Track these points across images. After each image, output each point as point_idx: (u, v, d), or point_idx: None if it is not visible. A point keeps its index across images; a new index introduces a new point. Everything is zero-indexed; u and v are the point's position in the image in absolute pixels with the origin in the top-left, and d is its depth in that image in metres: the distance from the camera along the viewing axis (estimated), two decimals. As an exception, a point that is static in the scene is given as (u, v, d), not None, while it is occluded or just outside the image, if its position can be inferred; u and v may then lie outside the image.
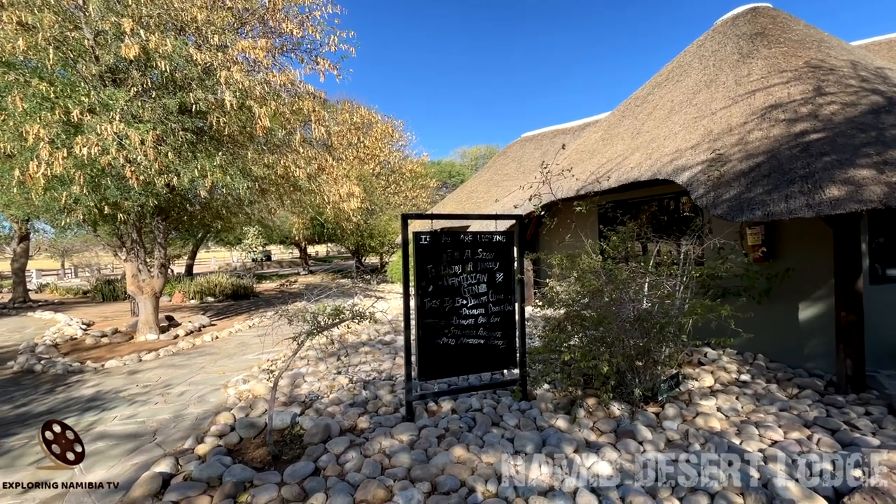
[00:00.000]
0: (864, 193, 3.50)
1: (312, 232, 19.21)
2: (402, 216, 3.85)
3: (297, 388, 4.78)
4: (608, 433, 3.46)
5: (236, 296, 14.20)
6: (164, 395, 4.87)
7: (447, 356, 3.95)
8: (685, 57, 7.43)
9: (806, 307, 4.87)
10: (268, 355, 6.25)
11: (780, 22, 6.40)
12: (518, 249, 4.26)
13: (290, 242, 24.57)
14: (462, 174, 36.26)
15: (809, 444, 3.23)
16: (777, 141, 4.48)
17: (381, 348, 6.32)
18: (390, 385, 4.69)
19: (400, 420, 3.81)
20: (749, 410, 3.84)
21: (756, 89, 5.37)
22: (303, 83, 8.14)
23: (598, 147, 7.51)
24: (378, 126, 15.61)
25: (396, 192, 19.85)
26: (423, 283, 3.86)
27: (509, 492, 2.72)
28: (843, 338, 4.11)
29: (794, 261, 4.93)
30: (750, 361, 5.05)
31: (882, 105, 4.39)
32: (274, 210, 11.80)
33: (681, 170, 5.08)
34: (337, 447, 3.33)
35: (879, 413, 3.67)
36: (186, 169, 6.29)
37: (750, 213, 4.01)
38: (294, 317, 3.61)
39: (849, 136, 4.07)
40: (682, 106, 6.34)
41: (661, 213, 6.93)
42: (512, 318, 4.19)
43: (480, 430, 3.55)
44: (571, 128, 13.33)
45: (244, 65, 6.99)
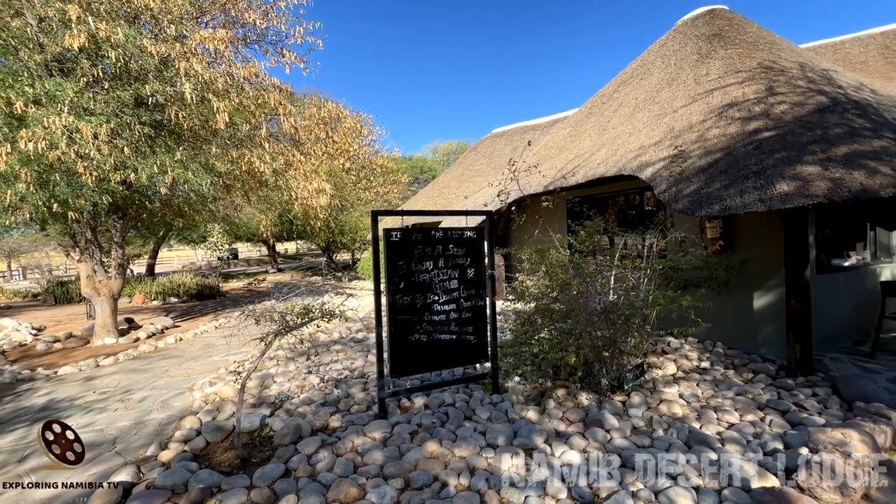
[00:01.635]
0: (810, 189, 3.72)
1: (281, 229, 18.76)
2: (371, 213, 3.81)
3: (266, 389, 4.68)
4: (577, 423, 3.56)
5: (201, 296, 13.72)
6: (123, 402, 4.67)
7: (420, 352, 3.96)
8: (648, 56, 7.65)
9: (760, 296, 5.14)
10: (235, 356, 6.08)
11: (735, 24, 6.68)
12: (488, 245, 4.30)
13: (258, 240, 23.90)
14: (434, 169, 36.19)
15: (762, 425, 3.42)
16: (733, 138, 4.69)
17: (353, 346, 6.26)
18: (363, 383, 4.66)
19: (373, 418, 3.79)
20: (708, 396, 4.03)
21: (714, 88, 5.59)
22: (268, 76, 7.90)
23: (567, 143, 7.65)
24: (347, 121, 15.35)
25: (367, 187, 19.60)
26: (395, 279, 3.84)
27: (481, 484, 2.76)
28: (793, 324, 4.37)
29: (749, 253, 5.19)
30: (710, 349, 5.29)
31: (827, 105, 4.66)
32: (239, 207, 11.48)
33: (644, 166, 5.24)
34: (308, 447, 3.28)
35: (825, 394, 3.93)
36: (145, 164, 6.01)
37: (708, 208, 4.19)
38: (261, 317, 3.53)
39: (797, 135, 4.30)
40: (645, 104, 6.53)
41: (627, 207, 7.15)
42: (483, 313, 4.23)
43: (453, 425, 3.58)
44: (541, 124, 13.51)
45: (205, 56, 6.72)
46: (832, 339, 5.31)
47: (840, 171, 3.77)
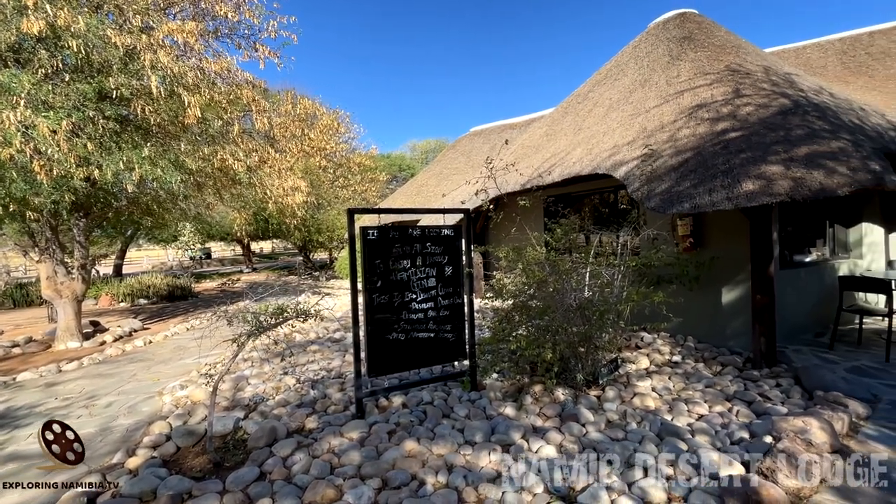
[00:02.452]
0: (774, 188, 3.87)
1: (256, 228, 18.35)
2: (347, 211, 3.77)
3: (240, 392, 4.57)
4: (553, 418, 3.61)
5: (172, 297, 13.29)
6: (88, 408, 4.48)
7: (397, 351, 3.93)
8: (622, 57, 7.80)
9: (728, 291, 5.32)
10: (208, 358, 5.90)
11: (704, 27, 6.87)
12: (466, 243, 4.31)
13: (232, 239, 23.32)
14: (412, 168, 36.06)
15: (730, 415, 3.54)
16: (702, 138, 4.83)
17: (330, 346, 6.18)
18: (340, 383, 4.60)
19: (350, 418, 3.75)
20: (680, 388, 4.14)
21: (684, 90, 5.75)
22: (240, 71, 7.69)
23: (543, 142, 7.74)
24: (323, 118, 15.10)
25: (345, 185, 19.35)
26: (372, 278, 3.81)
27: (459, 481, 2.77)
28: (759, 318, 4.54)
29: (718, 250, 5.36)
30: (681, 343, 5.44)
31: (789, 107, 4.85)
32: (212, 205, 11.15)
33: (618, 164, 5.35)
34: (283, 450, 3.22)
35: (787, 384, 4.10)
36: (109, 161, 5.77)
37: (679, 206, 4.31)
38: (234, 318, 3.44)
39: (762, 135, 4.47)
40: (619, 104, 6.66)
41: (602, 205, 7.28)
42: (461, 311, 4.24)
43: (431, 423, 3.57)
44: (518, 123, 13.62)
45: (173, 49, 6.50)
46: (794, 332, 5.56)
47: (801, 170, 3.94)
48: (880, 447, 3.00)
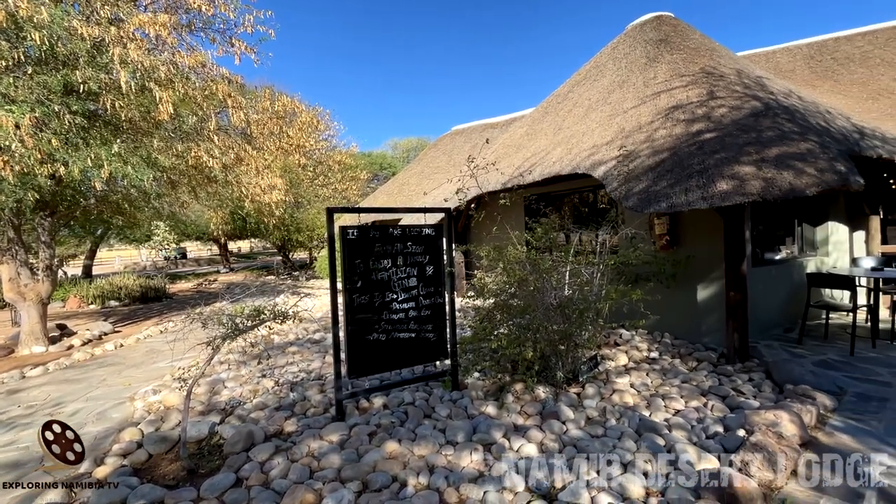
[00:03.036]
0: (746, 187, 3.97)
1: (233, 227, 17.96)
2: (326, 210, 3.70)
3: (216, 395, 4.45)
4: (534, 416, 3.63)
5: (146, 298, 12.89)
6: (53, 415, 4.29)
7: (378, 351, 3.89)
8: (601, 58, 7.90)
9: (703, 289, 5.45)
10: (182, 362, 5.74)
11: (680, 30, 7.02)
12: (448, 242, 4.30)
13: (209, 238, 22.78)
14: (394, 166, 35.85)
15: (705, 410, 3.63)
16: (678, 139, 4.93)
17: (309, 347, 6.08)
18: (320, 385, 4.53)
19: (330, 420, 3.70)
20: (657, 384, 4.22)
21: (661, 91, 5.86)
22: (216, 66, 7.50)
23: (524, 142, 7.78)
24: (302, 115, 14.85)
25: (325, 184, 19.10)
26: (352, 278, 3.76)
27: (440, 482, 2.75)
28: (732, 314, 4.66)
29: (693, 248, 5.49)
30: (658, 340, 5.55)
31: (760, 109, 4.99)
32: (186, 204, 10.85)
33: (597, 164, 5.42)
34: (261, 454, 3.15)
35: (759, 378, 4.22)
36: (76, 158, 5.54)
37: (656, 205, 4.38)
38: (209, 320, 3.35)
39: (735, 136, 4.58)
40: (598, 104, 6.75)
41: (582, 204, 7.37)
42: (443, 311, 4.22)
43: (412, 424, 3.55)
44: (499, 122, 13.67)
45: (144, 42, 6.28)
46: (766, 327, 5.73)
47: (772, 171, 4.05)
48: (846, 438, 3.11)
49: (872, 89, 7.36)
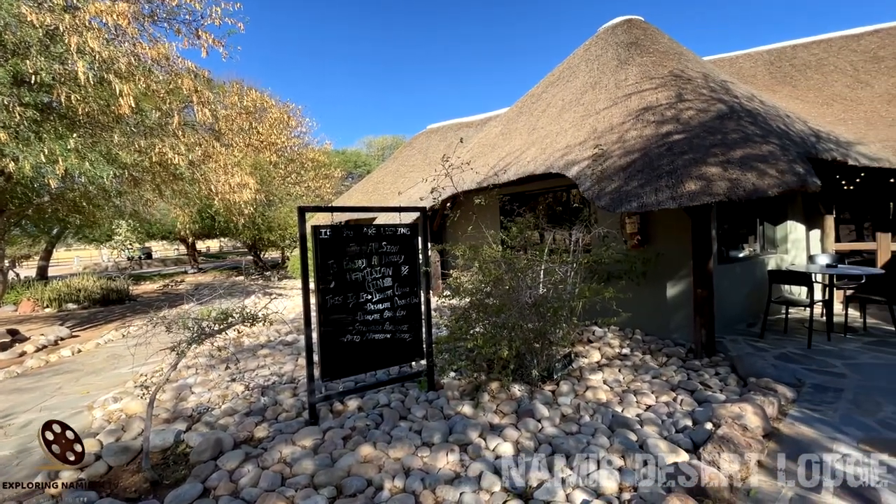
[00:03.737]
0: (713, 188, 4.10)
1: (201, 226, 17.35)
2: (298, 209, 3.60)
3: (182, 402, 4.28)
4: (510, 414, 3.64)
5: (107, 301, 12.30)
6: (3, 427, 4.03)
7: (353, 353, 3.82)
8: (574, 59, 8.01)
9: (672, 286, 5.61)
10: (146, 367, 5.50)
11: (650, 34, 7.19)
12: (423, 241, 4.26)
13: (175, 238, 21.97)
14: (368, 164, 35.50)
15: (675, 404, 3.72)
16: (648, 140, 5.05)
17: (281, 349, 5.93)
18: (292, 388, 4.42)
19: (303, 424, 3.61)
20: (629, 380, 4.31)
21: (632, 93, 5.98)
22: (181, 59, 7.23)
23: (499, 141, 7.82)
24: (273, 111, 14.46)
25: (298, 181, 18.70)
26: (325, 278, 3.68)
27: (416, 484, 2.72)
28: (699, 311, 4.81)
29: (663, 246, 5.63)
30: (630, 336, 5.67)
31: (725, 112, 5.16)
32: (151, 202, 10.44)
33: (571, 164, 5.48)
34: (230, 462, 3.04)
35: (725, 372, 4.37)
36: (28, 153, 5.23)
37: (627, 205, 4.47)
38: (174, 323, 3.20)
39: (702, 138, 4.72)
40: (571, 105, 6.84)
41: (556, 204, 7.46)
42: (418, 311, 4.19)
43: (388, 426, 3.50)
44: (475, 121, 13.71)
45: (103, 32, 5.98)
46: (730, 322, 5.95)
47: (737, 172, 4.20)
48: (805, 429, 3.26)
49: (826, 95, 7.75)
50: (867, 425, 3.25)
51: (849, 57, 8.14)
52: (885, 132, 6.35)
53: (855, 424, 3.27)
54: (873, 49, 7.99)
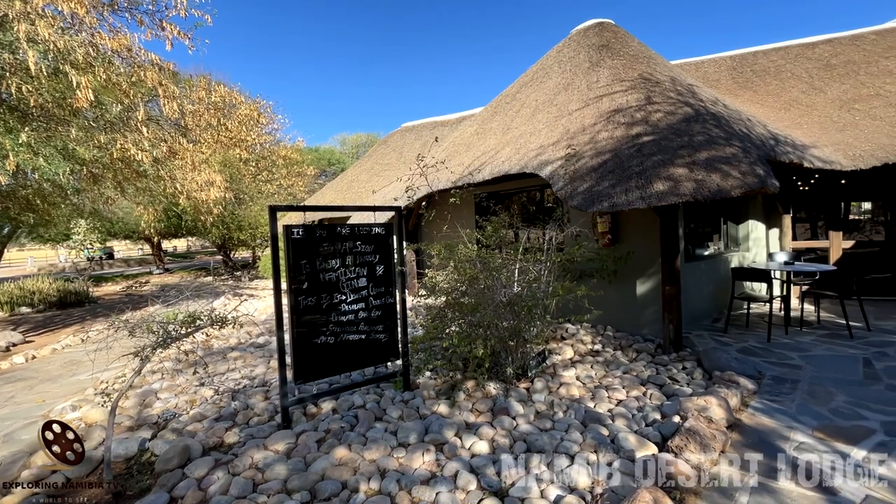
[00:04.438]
0: (680, 188, 4.24)
1: (167, 225, 16.72)
2: (269, 208, 3.52)
3: (147, 408, 4.11)
4: (486, 413, 3.67)
5: (65, 303, 11.69)
6: (-51, 440, 3.77)
7: (327, 355, 3.76)
8: (547, 60, 8.12)
9: (642, 283, 5.77)
10: (107, 373, 5.26)
11: (620, 37, 7.36)
12: (398, 241, 4.23)
13: (139, 237, 21.09)
14: (342, 162, 35.02)
15: (645, 399, 3.83)
16: (619, 141, 5.17)
17: (253, 352, 5.78)
18: (264, 391, 4.32)
19: (275, 428, 3.53)
20: (601, 376, 4.41)
21: (603, 94, 6.11)
22: (144, 51, 6.92)
23: (474, 140, 7.84)
24: (242, 107, 14.04)
25: (269, 179, 18.25)
26: (298, 279, 3.60)
27: (392, 486, 2.70)
28: (668, 307, 4.96)
29: (633, 245, 5.79)
30: (602, 332, 5.80)
31: (692, 115, 5.34)
32: (112, 200, 9.98)
33: (544, 164, 5.56)
34: (199, 470, 2.94)
35: (692, 366, 4.53)
36: (-27, 147, 4.91)
37: (599, 204, 4.57)
38: (138, 327, 3.07)
39: (670, 140, 4.87)
40: (545, 105, 6.93)
41: (530, 203, 7.55)
42: (394, 311, 4.16)
43: (363, 427, 3.47)
44: (450, 120, 13.71)
45: (58, 20, 5.67)
46: (697, 318, 6.17)
47: (702, 173, 4.35)
48: (765, 419, 3.41)
49: (784, 100, 8.12)
50: (821, 414, 3.44)
51: (804, 64, 8.56)
52: (837, 136, 6.71)
53: (810, 414, 3.45)
54: (826, 57, 8.42)
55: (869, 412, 3.43)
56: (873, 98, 7.15)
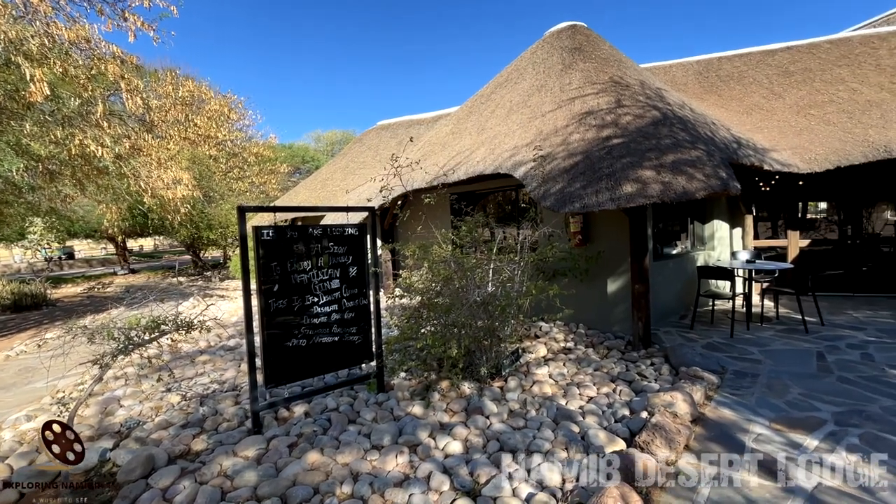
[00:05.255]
0: (648, 190, 4.36)
1: (132, 223, 16.03)
2: (238, 209, 3.43)
3: (109, 417, 3.95)
4: (460, 412, 3.69)
5: (20, 307, 11.08)
6: None
7: (299, 358, 3.71)
8: (521, 62, 8.20)
9: (612, 282, 5.91)
10: (65, 381, 5.03)
11: (592, 40, 7.50)
12: (372, 241, 4.20)
13: (102, 236, 20.18)
14: (317, 160, 34.41)
15: (614, 395, 3.93)
16: (590, 143, 5.27)
17: (223, 355, 5.63)
18: (234, 396, 4.22)
19: (245, 434, 3.45)
20: (573, 373, 4.50)
21: (575, 97, 6.22)
22: (106, 42, 6.64)
23: (449, 140, 7.85)
24: (212, 102, 13.60)
25: (240, 177, 17.77)
26: (268, 281, 3.53)
27: (365, 489, 2.69)
28: (637, 305, 5.10)
29: (604, 244, 5.92)
30: (574, 330, 5.92)
31: (660, 119, 5.50)
32: (70, 198, 9.53)
33: (518, 165, 5.62)
34: (163, 479, 2.85)
35: (659, 362, 4.67)
36: (-85, 142, 4.60)
37: (571, 205, 4.65)
38: (97, 333, 2.95)
39: (638, 143, 5.00)
40: (519, 106, 7.00)
41: (505, 202, 7.62)
42: (367, 312, 4.13)
43: (336, 431, 3.43)
44: (426, 119, 13.67)
45: (10, 8, 5.38)
46: (664, 315, 6.37)
47: (669, 175, 4.49)
48: (727, 412, 3.56)
49: (746, 105, 8.46)
50: (778, 406, 3.61)
51: (765, 70, 8.93)
52: (795, 140, 7.04)
53: (768, 406, 3.61)
54: (785, 64, 8.81)
55: (821, 403, 3.62)
56: (827, 104, 7.53)
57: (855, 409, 3.49)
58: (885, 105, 7.05)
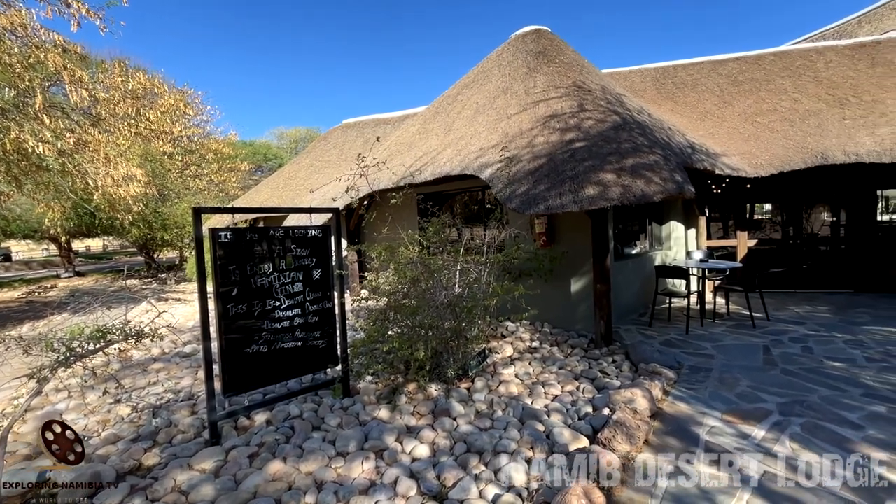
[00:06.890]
0: (609, 193, 4.49)
1: (77, 223, 15.01)
2: (193, 210, 3.27)
3: (50, 432, 3.67)
4: (427, 415, 3.67)
5: (-54, 314, 10.17)
6: None
7: (260, 364, 3.58)
8: (487, 63, 8.26)
9: (576, 282, 6.05)
10: (2, 394, 4.65)
11: (556, 45, 7.65)
12: (337, 243, 4.11)
13: (43, 237, 18.80)
14: (280, 157, 33.44)
15: (578, 393, 4.03)
16: (554, 146, 5.37)
17: (178, 362, 5.37)
18: (190, 405, 4.02)
19: (202, 446, 3.30)
20: (538, 372, 4.57)
21: (540, 100, 6.32)
22: (45, 29, 6.19)
23: (416, 140, 7.81)
24: (166, 96, 12.89)
25: (198, 174, 17.00)
26: (227, 285, 3.39)
27: (329, 498, 2.63)
28: (599, 304, 5.25)
29: (568, 245, 6.05)
30: (540, 329, 6.02)
31: (620, 123, 5.67)
32: (6, 196, 8.82)
33: (485, 166, 5.65)
34: (111, 499, 2.68)
35: (620, 359, 4.82)
36: None
37: (536, 207, 4.72)
38: (35, 344, 2.73)
39: (600, 146, 5.14)
40: (485, 108, 7.05)
41: (472, 203, 7.66)
42: (332, 316, 4.04)
43: (300, 438, 3.34)
44: (392, 118, 13.55)
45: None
46: (625, 313, 6.59)
47: (629, 179, 4.64)
48: (683, 406, 3.71)
49: (700, 111, 8.88)
50: (729, 399, 3.80)
51: (716, 79, 9.41)
52: (743, 146, 7.45)
53: (720, 399, 3.80)
54: (734, 74, 9.32)
55: (767, 395, 3.85)
56: (771, 113, 8.02)
57: (797, 399, 3.73)
58: (821, 115, 7.58)
